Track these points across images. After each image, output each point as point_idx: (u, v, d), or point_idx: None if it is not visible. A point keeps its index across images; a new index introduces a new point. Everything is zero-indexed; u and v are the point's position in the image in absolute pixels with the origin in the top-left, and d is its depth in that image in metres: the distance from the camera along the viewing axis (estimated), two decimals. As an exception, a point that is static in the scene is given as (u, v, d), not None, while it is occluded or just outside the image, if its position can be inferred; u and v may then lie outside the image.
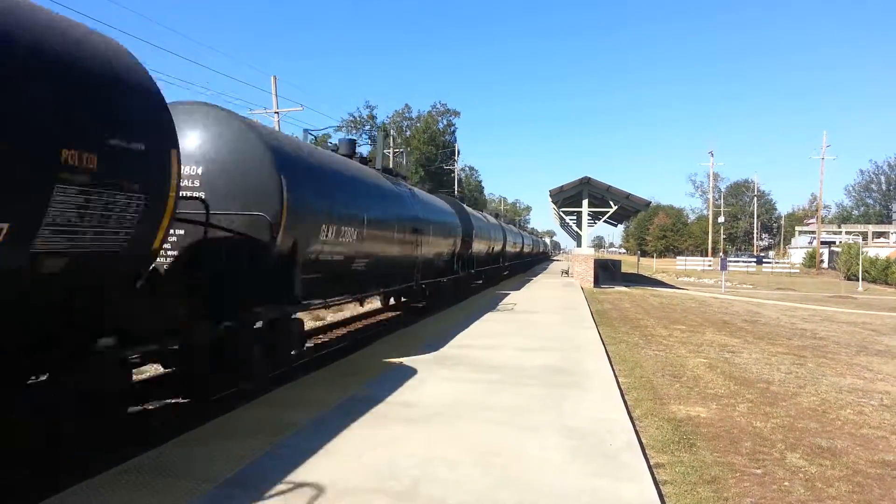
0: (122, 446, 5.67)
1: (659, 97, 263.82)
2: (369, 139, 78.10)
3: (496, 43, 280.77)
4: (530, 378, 7.35)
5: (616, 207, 28.78)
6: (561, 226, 46.87)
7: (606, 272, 33.80)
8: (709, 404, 7.11)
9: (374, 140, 77.61)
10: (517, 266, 41.00)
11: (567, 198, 30.32)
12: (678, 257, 77.39)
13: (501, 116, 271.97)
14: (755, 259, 74.57)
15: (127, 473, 4.15)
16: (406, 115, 78.12)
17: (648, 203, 30.23)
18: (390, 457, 4.56)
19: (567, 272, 34.66)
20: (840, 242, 63.70)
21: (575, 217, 30.08)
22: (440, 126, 77.40)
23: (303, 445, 4.76)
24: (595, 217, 32.69)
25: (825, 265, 60.66)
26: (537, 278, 31.35)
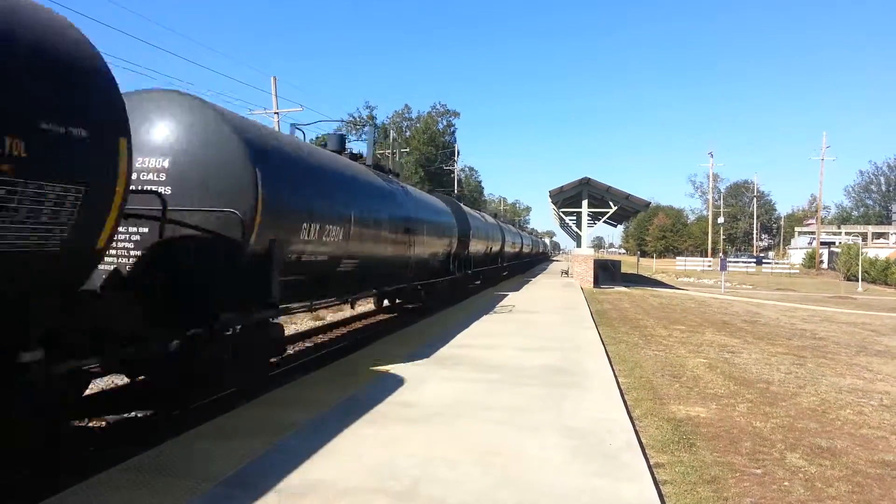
0: (122, 445, 5.68)
1: (659, 97, 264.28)
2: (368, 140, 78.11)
3: (496, 43, 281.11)
4: (530, 378, 7.35)
5: (616, 208, 28.80)
6: (561, 226, 46.89)
7: (606, 272, 33.82)
8: (708, 404, 7.11)
9: (374, 141, 77.59)
10: (516, 267, 40.51)
11: (567, 198, 30.34)
12: (678, 258, 77.38)
13: (501, 116, 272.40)
14: (755, 259, 74.59)
15: (127, 472, 4.14)
16: (406, 116, 78.21)
17: (648, 203, 30.25)
18: (390, 457, 4.56)
19: (567, 272, 34.68)
20: (840, 243, 63.77)
21: (575, 217, 30.09)
22: (440, 126, 77.46)
23: (303, 445, 4.75)
24: (595, 217, 32.70)
25: (825, 266, 60.70)
26: (537, 279, 31.34)
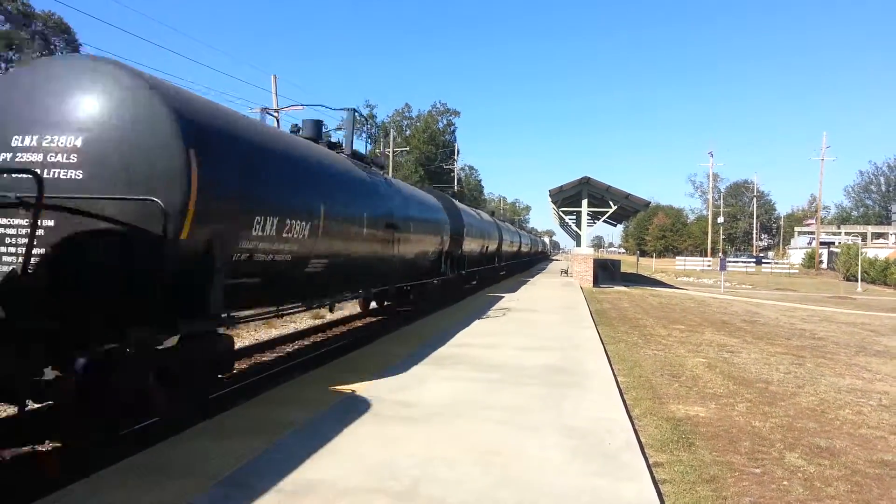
0: (121, 444, 5.68)
1: (659, 97, 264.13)
2: (369, 138, 78.06)
3: (496, 43, 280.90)
4: (530, 378, 7.36)
5: (615, 207, 28.80)
6: (560, 225, 46.88)
7: (606, 272, 33.84)
8: (708, 404, 7.12)
9: (375, 139, 77.62)
10: (515, 266, 39.44)
11: (566, 198, 30.34)
12: (677, 257, 77.40)
13: (501, 116, 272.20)
14: (754, 259, 74.62)
15: (126, 471, 4.14)
16: (406, 115, 78.20)
17: (648, 203, 30.25)
18: (390, 456, 4.56)
19: (566, 272, 34.71)
20: (839, 243, 63.78)
21: (574, 217, 30.10)
22: (440, 125, 77.48)
23: (302, 444, 4.75)
24: (594, 217, 32.73)
25: (824, 266, 60.72)
26: (535, 279, 31.32)
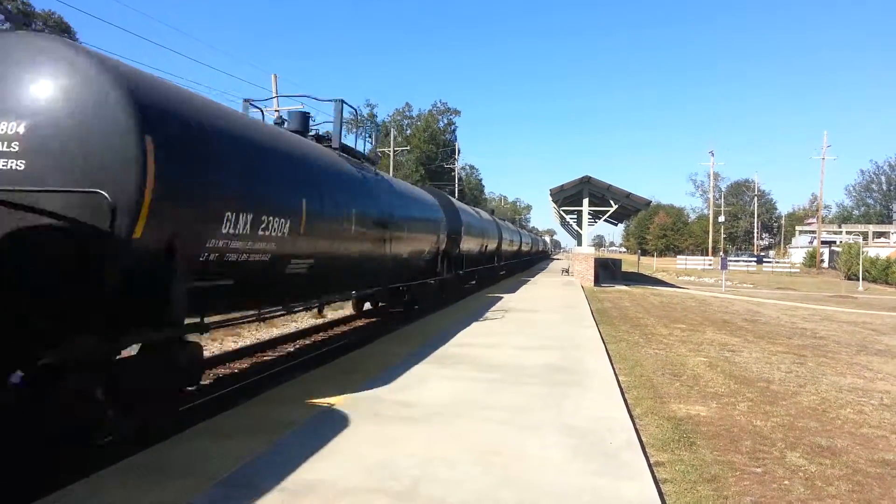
0: (121, 444, 5.68)
1: (659, 97, 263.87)
2: (369, 137, 78.05)
3: (496, 43, 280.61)
4: (531, 377, 7.35)
5: (616, 206, 28.79)
6: (561, 225, 46.86)
7: (607, 271, 33.85)
8: (709, 403, 7.11)
9: (375, 139, 77.62)
10: (515, 266, 39.08)
11: (567, 197, 30.33)
12: (678, 256, 77.40)
13: (502, 116, 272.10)
14: (755, 258, 74.60)
15: (126, 471, 4.14)
16: (407, 114, 78.16)
17: (649, 202, 30.24)
18: (390, 456, 4.55)
19: (567, 271, 34.70)
20: (840, 242, 63.71)
21: (575, 216, 30.09)
22: (440, 125, 77.42)
23: (302, 444, 4.75)
24: (595, 216, 32.68)
25: (825, 265, 60.67)
26: (536, 278, 31.29)
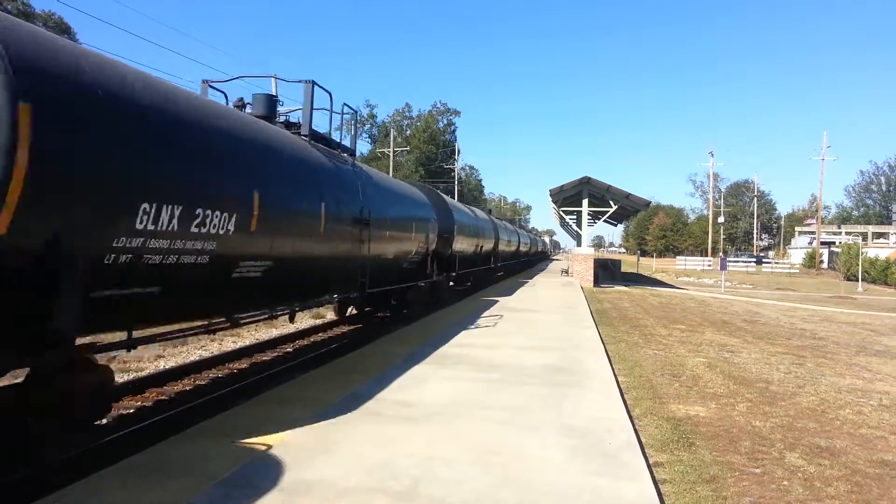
0: (121, 444, 5.69)
1: (659, 97, 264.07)
2: (369, 137, 78.11)
3: (496, 43, 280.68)
4: (530, 377, 7.36)
5: (616, 207, 28.80)
6: (561, 225, 46.88)
7: (606, 272, 33.87)
8: (708, 404, 7.12)
9: (374, 139, 77.56)
10: (513, 267, 38.18)
11: (567, 197, 30.34)
12: (678, 257, 77.42)
13: (501, 116, 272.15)
14: (755, 259, 74.63)
15: (126, 471, 4.14)
16: (406, 115, 78.23)
17: (648, 203, 30.25)
18: (390, 456, 4.56)
19: (567, 271, 34.72)
20: (840, 243, 63.76)
21: (575, 216, 30.10)
22: (440, 125, 77.51)
23: (302, 444, 4.76)
24: (595, 216, 32.71)
25: (825, 265, 60.69)
26: (535, 279, 31.20)
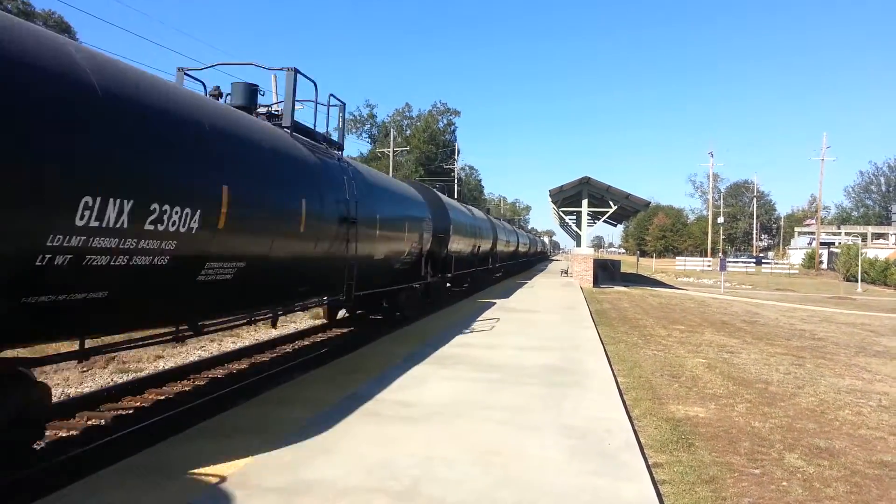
0: (121, 444, 5.70)
1: (659, 97, 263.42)
2: (369, 137, 78.11)
3: (496, 43, 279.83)
4: (530, 378, 7.36)
5: (615, 207, 28.81)
6: (560, 225, 46.90)
7: (606, 272, 33.88)
8: (707, 404, 7.12)
9: (374, 139, 77.54)
10: (512, 267, 37.28)
11: (567, 197, 30.35)
12: (677, 257, 77.46)
13: (501, 116, 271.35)
14: (754, 260, 74.67)
15: (125, 472, 4.15)
16: (406, 115, 78.24)
17: (648, 203, 30.25)
18: (390, 456, 4.57)
19: (566, 272, 34.73)
20: (839, 243, 63.79)
21: (574, 217, 30.10)
22: (440, 125, 77.53)
23: (302, 444, 4.76)
24: (594, 217, 32.74)
25: (824, 266, 60.72)
26: (534, 280, 31.17)
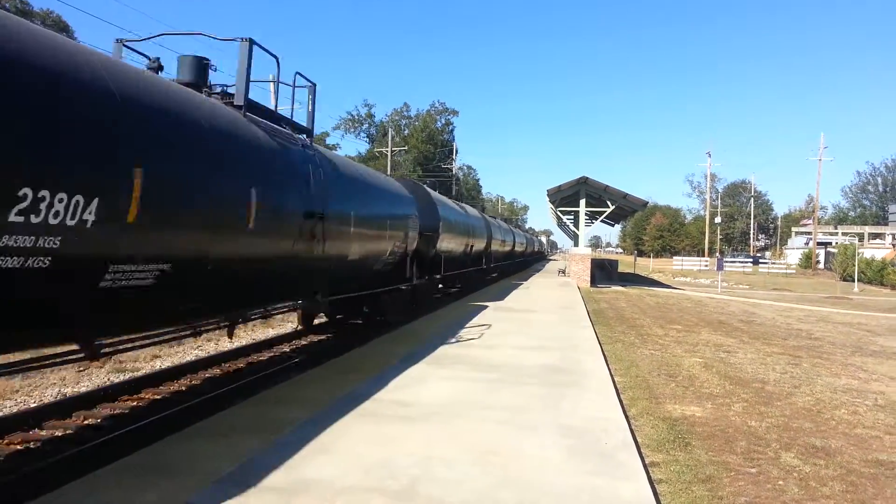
0: (119, 443, 5.70)
1: (658, 98, 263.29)
2: (367, 137, 78.01)
3: (496, 43, 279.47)
4: (529, 377, 7.38)
5: (613, 207, 28.83)
6: (558, 225, 46.91)
7: (603, 272, 33.95)
8: (704, 404, 7.15)
9: (372, 139, 77.39)
10: (508, 268, 36.23)
11: (564, 197, 30.37)
12: (675, 257, 77.59)
13: (500, 116, 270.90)
14: (751, 259, 74.80)
15: (122, 471, 4.15)
16: (405, 114, 78.20)
17: (645, 203, 30.29)
18: (389, 455, 4.58)
19: (564, 271, 34.78)
20: (836, 243, 63.89)
21: (572, 216, 30.12)
22: (438, 125, 77.52)
23: (300, 443, 4.77)
24: (592, 217, 32.72)
25: (821, 266, 60.85)
26: (531, 280, 31.01)
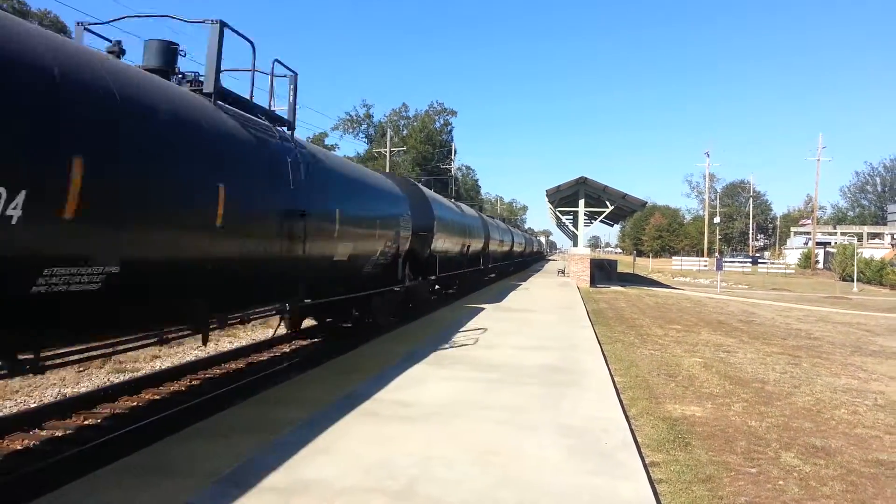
0: (119, 443, 5.69)
1: (657, 98, 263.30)
2: (366, 137, 78.00)
3: (495, 43, 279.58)
4: (529, 377, 7.37)
5: (612, 207, 28.84)
6: (557, 225, 46.96)
7: (602, 272, 33.96)
8: (704, 403, 7.15)
9: (371, 139, 77.40)
10: (506, 268, 35.96)
11: (564, 197, 30.39)
12: (674, 257, 77.67)
13: (500, 116, 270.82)
14: (751, 259, 74.92)
15: (122, 471, 4.14)
16: (403, 115, 78.15)
17: (644, 203, 30.31)
18: (388, 455, 4.57)
19: (563, 272, 34.79)
20: (835, 243, 63.96)
21: (571, 217, 30.14)
22: (437, 125, 77.47)
23: (299, 443, 4.76)
24: (591, 217, 32.75)
25: (820, 266, 60.92)
26: (530, 281, 30.99)
